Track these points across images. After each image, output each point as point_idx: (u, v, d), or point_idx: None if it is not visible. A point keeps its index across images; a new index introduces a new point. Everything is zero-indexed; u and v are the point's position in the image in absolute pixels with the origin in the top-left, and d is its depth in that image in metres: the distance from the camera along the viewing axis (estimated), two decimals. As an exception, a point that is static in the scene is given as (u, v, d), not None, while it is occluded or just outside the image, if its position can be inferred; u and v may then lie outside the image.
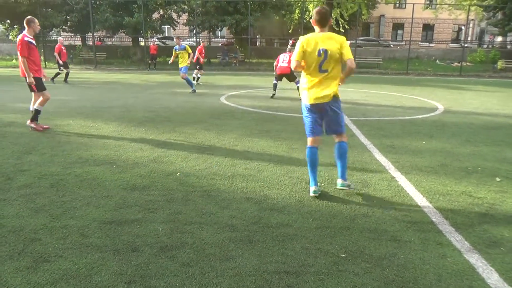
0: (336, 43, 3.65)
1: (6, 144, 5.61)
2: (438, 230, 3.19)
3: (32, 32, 6.20)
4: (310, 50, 3.67)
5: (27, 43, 6.11)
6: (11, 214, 3.34)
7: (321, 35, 3.71)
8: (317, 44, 3.66)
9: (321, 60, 3.65)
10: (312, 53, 3.66)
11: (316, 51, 3.65)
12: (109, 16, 23.01)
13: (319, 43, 3.65)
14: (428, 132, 6.89)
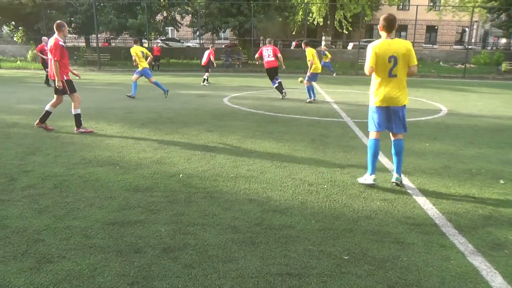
0: (404, 49, 3.94)
1: (10, 145, 5.64)
2: (442, 233, 3.18)
3: (63, 36, 6.40)
4: (382, 56, 3.95)
5: (61, 47, 6.29)
6: (15, 214, 3.36)
7: (390, 41, 3.98)
8: (387, 50, 3.93)
9: (391, 66, 3.95)
10: (383, 59, 3.94)
11: (386, 58, 3.92)
12: (113, 18, 23.11)
13: (389, 50, 3.93)
14: (432, 134, 6.86)
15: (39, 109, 8.78)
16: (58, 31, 6.35)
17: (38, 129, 6.72)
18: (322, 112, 8.96)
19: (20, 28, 25.41)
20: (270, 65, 11.07)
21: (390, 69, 3.95)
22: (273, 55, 11.04)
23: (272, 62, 11.03)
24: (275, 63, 11.05)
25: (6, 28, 28.23)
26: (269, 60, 11.01)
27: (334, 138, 6.38)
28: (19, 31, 25.62)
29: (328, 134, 6.69)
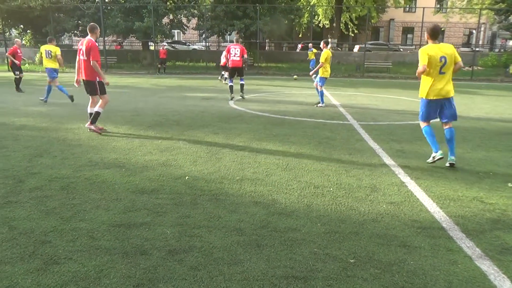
0: (451, 51, 4.82)
1: (18, 147, 5.69)
2: (449, 236, 3.15)
3: (95, 37, 6.61)
4: (434, 57, 4.75)
5: (98, 48, 6.52)
6: (22, 216, 3.39)
7: (439, 45, 4.85)
8: (438, 52, 4.76)
9: (442, 65, 4.78)
10: (435, 59, 4.76)
11: (438, 58, 4.74)
12: (120, 21, 23.29)
13: (439, 52, 4.76)
14: (439, 137, 6.80)
15: (46, 111, 8.87)
16: (91, 33, 6.55)
17: (46, 131, 6.78)
18: (328, 115, 8.94)
19: (28, 31, 25.68)
20: (234, 65, 11.14)
21: (441, 67, 4.77)
22: (240, 55, 11.08)
23: (237, 62, 11.09)
24: (239, 63, 11.09)
25: (15, 31, 28.56)
26: (235, 59, 11.07)
27: (340, 141, 6.36)
28: (27, 34, 25.90)
29: (334, 136, 6.68)
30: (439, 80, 4.84)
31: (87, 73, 6.51)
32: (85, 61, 6.47)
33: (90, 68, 6.45)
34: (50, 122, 7.58)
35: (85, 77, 6.56)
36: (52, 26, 23.15)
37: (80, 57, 6.52)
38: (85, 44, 6.43)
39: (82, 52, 6.45)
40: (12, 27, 26.64)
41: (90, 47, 6.37)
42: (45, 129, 6.98)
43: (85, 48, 6.41)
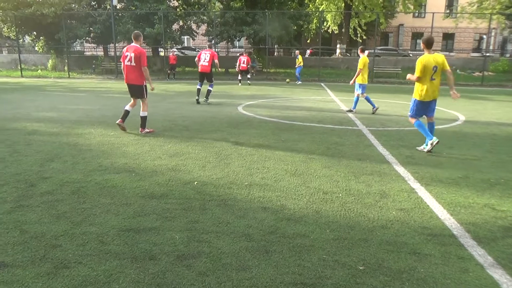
0: (442, 60, 5.72)
1: (30, 151, 5.78)
2: (460, 244, 3.11)
3: (139, 44, 6.99)
4: (428, 67, 5.65)
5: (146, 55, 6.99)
6: (34, 220, 3.43)
7: (433, 55, 5.71)
8: (432, 62, 5.64)
9: (433, 73, 5.68)
10: (429, 69, 5.65)
11: (431, 67, 5.64)
12: (131, 27, 23.52)
13: (433, 62, 5.65)
14: (449, 142, 6.75)
15: (58, 117, 9.00)
16: (136, 40, 6.94)
17: (57, 136, 6.87)
18: (337, 120, 8.92)
19: (41, 38, 26.11)
20: (202, 70, 11.45)
21: (432, 74, 5.69)
22: (209, 60, 11.33)
23: (205, 67, 11.37)
24: (207, 68, 11.35)
25: (28, 38, 29.06)
26: (203, 64, 11.38)
27: (349, 147, 6.33)
28: (40, 41, 26.33)
29: (343, 142, 6.65)
30: (430, 86, 5.74)
31: (134, 78, 6.93)
32: (132, 67, 6.86)
33: (136, 73, 6.89)
34: (61, 127, 7.69)
35: (132, 81, 6.97)
36: (64, 33, 23.51)
37: (126, 63, 6.87)
38: (134, 51, 6.79)
39: (130, 58, 6.81)
40: (26, 33, 27.09)
41: (140, 54, 6.80)
42: (56, 134, 7.07)
43: (134, 55, 6.78)
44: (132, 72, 6.89)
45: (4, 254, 2.85)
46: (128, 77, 6.96)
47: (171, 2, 26.06)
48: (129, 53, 6.83)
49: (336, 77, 23.15)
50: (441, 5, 37.57)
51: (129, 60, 6.84)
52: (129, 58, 6.84)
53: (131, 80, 6.96)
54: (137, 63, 6.82)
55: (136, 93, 7.10)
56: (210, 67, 11.38)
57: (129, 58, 6.83)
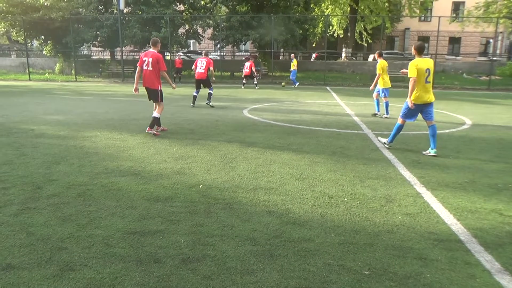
0: (432, 64, 5.98)
1: (37, 154, 5.82)
2: (467, 249, 3.08)
3: (157, 50, 7.28)
4: (421, 69, 5.84)
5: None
6: (40, 222, 3.45)
7: (424, 59, 5.97)
8: (424, 65, 5.86)
9: (427, 75, 5.88)
10: (422, 71, 5.85)
11: (424, 69, 5.84)
12: (137, 31, 23.72)
13: (425, 65, 5.88)
14: (455, 147, 6.71)
15: (64, 120, 9.07)
16: (154, 46, 7.26)
17: (64, 139, 6.92)
18: (343, 124, 8.90)
19: (49, 42, 26.38)
20: (198, 77, 11.69)
21: (426, 77, 5.87)
22: (205, 67, 11.54)
23: (201, 74, 11.62)
24: (203, 75, 11.57)
25: (36, 42, 29.37)
26: (199, 71, 11.62)
27: (355, 151, 6.31)
28: (48, 45, 26.59)
29: (349, 146, 6.63)
30: (425, 89, 5.92)
31: (151, 82, 7.21)
32: (149, 72, 7.14)
33: (153, 78, 7.17)
34: (68, 130, 7.74)
35: (149, 85, 7.24)
36: (72, 37, 23.74)
37: (144, 68, 7.15)
38: (151, 56, 7.09)
39: (148, 63, 7.10)
40: (34, 38, 27.38)
41: (158, 59, 7.11)
42: (63, 137, 7.13)
43: (152, 60, 7.07)
44: (149, 76, 7.17)
45: (11, 256, 2.87)
46: (146, 81, 7.25)
47: (177, 7, 26.23)
48: (147, 58, 7.12)
49: (341, 81, 23.11)
50: (447, 9, 37.46)
51: (147, 65, 7.13)
52: (147, 62, 7.12)
53: (149, 84, 7.24)
54: (154, 67, 7.11)
55: (152, 97, 7.39)
56: (206, 74, 11.59)
57: (147, 63, 7.12)
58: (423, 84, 5.87)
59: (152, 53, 7.17)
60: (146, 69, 7.15)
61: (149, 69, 7.13)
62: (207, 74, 11.57)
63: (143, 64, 7.15)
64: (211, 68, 11.60)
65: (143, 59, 7.16)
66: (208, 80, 11.70)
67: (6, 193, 4.17)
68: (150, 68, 7.11)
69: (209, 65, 11.55)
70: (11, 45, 36.81)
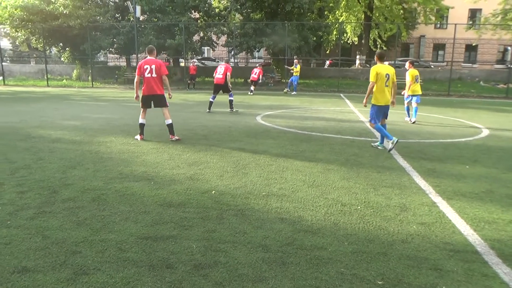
0: (392, 71, 6.70)
1: (53, 159, 5.93)
2: (484, 261, 3.01)
3: (154, 57, 7.40)
4: (381, 74, 6.55)
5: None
6: (55, 226, 3.50)
7: (384, 66, 6.70)
8: (384, 70, 6.58)
9: (386, 80, 6.58)
10: (382, 76, 6.56)
11: (384, 74, 6.55)
12: (153, 38, 24.08)
13: (385, 70, 6.59)
14: (472, 156, 6.58)
15: (81, 125, 9.23)
16: (152, 54, 7.33)
17: (80, 144, 7.04)
18: (356, 132, 8.83)
19: (67, 49, 26.99)
20: (216, 82, 11.92)
21: (386, 81, 6.56)
22: (223, 73, 11.73)
23: (219, 79, 11.82)
24: (221, 80, 11.74)
25: (55, 49, 30.07)
26: (217, 77, 11.87)
27: (368, 158, 6.25)
28: (66, 52, 27.20)
29: (362, 154, 6.57)
30: (385, 92, 6.60)
31: (157, 88, 7.27)
32: (154, 78, 7.20)
33: (159, 84, 7.26)
34: (84, 136, 7.87)
35: (157, 92, 7.28)
36: (89, 44, 24.24)
37: (147, 75, 7.17)
38: (154, 63, 7.17)
39: (151, 70, 7.14)
40: (53, 45, 28.06)
41: (160, 65, 7.22)
42: (79, 142, 7.25)
43: (155, 67, 7.15)
44: (155, 83, 7.21)
45: (27, 259, 2.92)
46: (152, 88, 7.22)
47: (192, 14, 26.55)
48: (149, 66, 7.14)
49: (355, 88, 22.98)
50: (463, 16, 37.00)
51: (149, 72, 7.13)
52: (149, 70, 7.13)
53: (152, 91, 7.24)
54: (158, 73, 7.18)
55: (160, 103, 7.39)
56: (224, 80, 11.73)
57: (150, 70, 7.13)
58: (383, 87, 6.57)
59: (153, 60, 7.24)
60: (150, 77, 7.15)
61: (153, 76, 7.15)
62: (225, 80, 11.71)
63: (145, 72, 7.15)
64: (229, 73, 11.74)
65: (145, 67, 7.16)
66: (226, 86, 11.82)
67: (23, 196, 4.25)
68: (154, 75, 7.15)
69: (227, 71, 11.71)
70: (31, 52, 37.76)
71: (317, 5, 27.05)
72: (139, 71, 7.25)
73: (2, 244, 3.14)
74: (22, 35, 26.49)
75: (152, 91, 7.25)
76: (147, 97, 7.32)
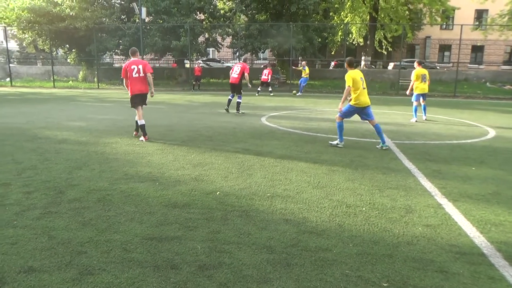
0: (362, 74, 7.03)
1: (59, 159, 5.97)
2: (490, 263, 2.98)
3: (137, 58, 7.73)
4: (356, 79, 6.85)
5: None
6: (61, 226, 3.53)
7: (356, 71, 7.00)
8: (358, 74, 6.93)
9: (362, 82, 6.89)
10: (357, 80, 6.86)
11: (359, 78, 6.88)
12: (158, 40, 24.19)
13: (359, 74, 6.95)
14: (478, 157, 6.53)
15: (86, 126, 9.28)
16: (135, 55, 7.65)
17: (86, 145, 7.08)
18: (361, 133, 8.80)
19: (73, 50, 27.17)
20: (231, 81, 11.92)
21: (362, 83, 6.90)
22: (239, 73, 11.62)
23: (234, 79, 11.78)
24: (236, 80, 11.69)
25: (61, 50, 30.29)
26: (233, 76, 11.81)
27: (373, 160, 6.23)
28: (72, 53, 27.39)
29: (367, 155, 6.55)
30: (363, 94, 6.90)
31: (144, 87, 7.63)
32: (141, 78, 7.55)
33: (145, 83, 7.62)
34: (90, 137, 7.92)
35: (143, 90, 7.64)
36: (95, 46, 24.39)
37: (135, 76, 7.47)
38: (141, 64, 7.55)
39: (138, 70, 7.47)
40: (59, 46, 28.27)
41: (146, 65, 7.64)
42: (85, 143, 7.29)
43: (142, 66, 7.52)
44: (142, 82, 7.57)
45: (33, 259, 2.94)
46: (140, 87, 7.56)
47: (197, 15, 26.63)
48: (136, 66, 7.47)
49: (360, 89, 22.91)
50: (469, 16, 36.78)
51: (137, 72, 7.47)
52: (137, 70, 7.46)
53: (142, 90, 7.61)
54: (145, 73, 7.54)
55: (144, 100, 7.77)
56: (239, 79, 11.65)
57: (137, 70, 7.47)
58: (361, 90, 6.85)
59: (138, 60, 7.59)
60: (137, 76, 7.49)
61: (140, 76, 7.51)
62: (240, 80, 11.65)
63: (133, 73, 7.45)
64: (246, 73, 11.63)
65: (132, 68, 7.45)
66: (239, 87, 11.80)
67: (30, 197, 4.28)
68: (142, 74, 7.51)
69: (244, 71, 11.62)
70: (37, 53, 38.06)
71: (322, 6, 27.03)
72: (125, 73, 7.51)
73: (8, 244, 3.17)
74: (29, 37, 26.70)
75: (140, 90, 7.59)
76: (136, 96, 7.61)
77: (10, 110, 12.37)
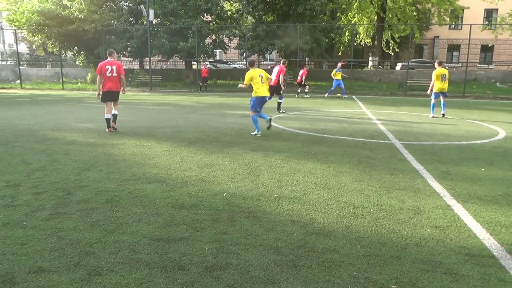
0: (264, 72, 8.46)
1: (68, 161, 6.03)
2: (501, 266, 2.94)
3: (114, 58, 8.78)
4: (255, 75, 8.18)
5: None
6: (70, 227, 3.56)
7: (258, 69, 8.40)
8: (257, 72, 8.27)
9: (260, 78, 8.23)
10: (256, 76, 8.19)
11: (257, 75, 8.22)
12: (165, 41, 24.33)
13: (258, 72, 8.30)
14: (488, 158, 6.46)
15: (95, 127, 9.36)
16: (112, 56, 8.69)
17: (94, 146, 7.14)
18: (369, 133, 8.76)
19: (81, 52, 27.44)
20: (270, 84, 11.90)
21: (261, 79, 8.21)
22: (277, 75, 11.80)
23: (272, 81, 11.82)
24: (274, 82, 11.76)
25: (70, 53, 30.61)
26: (272, 78, 11.83)
27: (381, 161, 6.19)
28: (80, 56, 27.66)
29: (375, 156, 6.51)
30: (261, 87, 8.26)
31: (116, 85, 8.67)
32: (115, 77, 8.58)
33: (118, 82, 8.65)
34: (98, 138, 7.98)
35: (116, 88, 8.67)
36: (103, 48, 24.62)
37: (108, 75, 8.48)
38: (115, 64, 8.56)
39: (112, 70, 8.49)
40: (68, 49, 28.59)
41: (120, 66, 8.68)
42: (93, 144, 7.35)
43: (116, 67, 8.54)
44: (115, 81, 8.60)
45: (42, 259, 2.97)
46: (113, 85, 8.58)
47: (204, 17, 26.74)
48: (111, 66, 8.47)
49: (368, 90, 22.82)
50: (479, 16, 36.45)
51: (110, 72, 8.47)
52: (110, 70, 8.46)
53: (115, 87, 8.65)
54: (118, 73, 8.56)
55: (116, 97, 8.79)
56: (277, 81, 11.79)
57: (111, 70, 8.47)
58: (260, 84, 8.18)
59: (113, 61, 8.58)
60: (111, 76, 8.48)
61: (113, 75, 8.51)
62: (278, 81, 11.78)
63: (107, 72, 8.44)
64: (281, 76, 11.79)
65: (106, 68, 8.44)
66: (278, 88, 11.94)
67: (39, 198, 4.33)
68: (115, 74, 8.52)
69: (280, 73, 11.77)
70: (47, 56, 38.52)
71: (330, 7, 26.98)
72: (100, 71, 8.47)
73: (18, 245, 3.20)
74: (38, 40, 27.05)
75: (111, 88, 8.57)
76: (107, 93, 8.58)
77: (20, 112, 12.53)
